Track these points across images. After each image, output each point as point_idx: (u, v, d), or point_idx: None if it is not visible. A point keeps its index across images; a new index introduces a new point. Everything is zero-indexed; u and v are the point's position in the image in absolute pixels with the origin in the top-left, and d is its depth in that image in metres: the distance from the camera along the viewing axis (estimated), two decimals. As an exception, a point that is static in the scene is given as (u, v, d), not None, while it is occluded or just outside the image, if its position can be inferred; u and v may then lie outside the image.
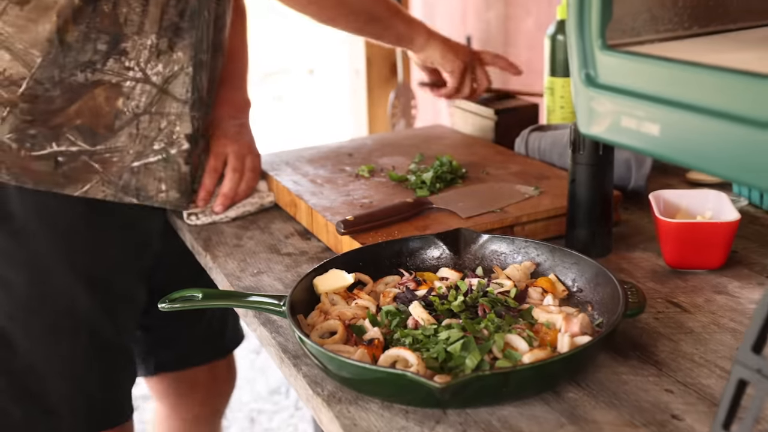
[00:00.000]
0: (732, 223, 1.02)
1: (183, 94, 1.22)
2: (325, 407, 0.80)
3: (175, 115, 1.22)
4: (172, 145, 1.22)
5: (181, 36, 1.20)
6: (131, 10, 1.15)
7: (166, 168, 1.23)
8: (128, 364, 1.33)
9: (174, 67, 1.20)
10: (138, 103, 1.19)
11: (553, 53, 1.53)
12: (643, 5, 0.70)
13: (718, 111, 0.58)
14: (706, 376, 0.82)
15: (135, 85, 1.18)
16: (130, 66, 1.17)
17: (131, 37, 1.16)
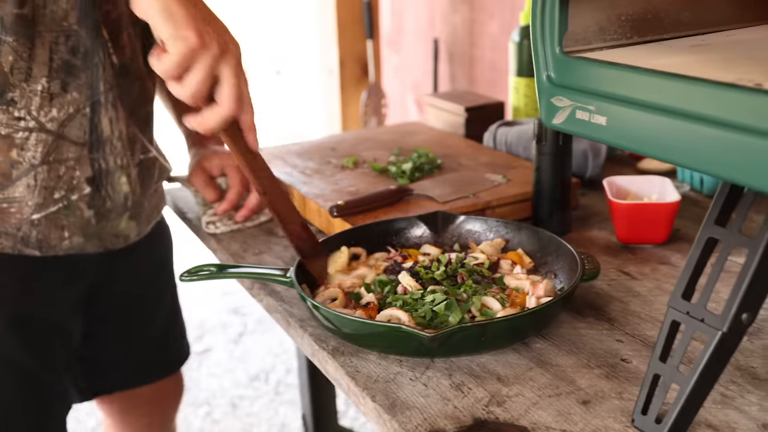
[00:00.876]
0: (674, 204, 1.18)
1: (80, 137, 1.14)
2: (331, 359, 0.94)
3: (74, 160, 1.14)
4: (72, 191, 1.15)
5: (74, 75, 1.12)
6: (17, 56, 1.06)
7: (69, 215, 1.16)
8: (60, 398, 1.30)
9: (69, 109, 1.12)
10: (34, 154, 1.11)
11: (519, 56, 1.68)
12: (593, 19, 0.85)
13: (651, 104, 0.73)
14: (650, 328, 0.98)
15: (29, 135, 1.10)
16: (20, 116, 1.09)
17: (19, 85, 1.08)
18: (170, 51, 0.90)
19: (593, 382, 0.87)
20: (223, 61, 0.92)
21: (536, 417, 0.82)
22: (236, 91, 0.94)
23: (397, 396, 0.86)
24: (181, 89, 0.93)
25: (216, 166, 1.35)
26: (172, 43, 0.89)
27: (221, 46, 0.92)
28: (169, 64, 0.91)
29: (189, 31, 0.89)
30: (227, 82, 0.93)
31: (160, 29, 0.90)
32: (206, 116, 0.95)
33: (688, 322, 0.77)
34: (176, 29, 0.89)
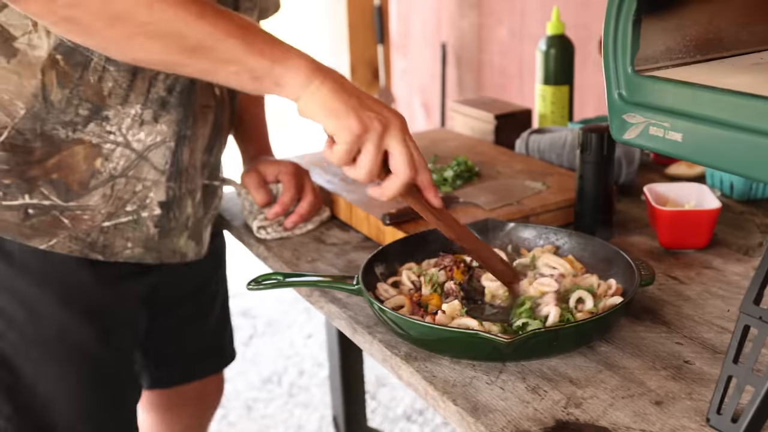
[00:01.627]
0: (715, 210, 1.23)
1: (162, 165, 1.20)
2: (405, 364, 0.99)
3: (152, 182, 1.20)
4: (144, 209, 1.21)
5: (167, 110, 1.18)
6: (117, 84, 1.13)
7: (135, 230, 1.22)
8: (132, 386, 1.36)
9: (156, 138, 1.18)
10: (116, 165, 1.17)
11: (546, 64, 1.73)
12: (660, 40, 0.89)
13: (728, 122, 0.77)
14: (706, 331, 1.03)
15: (115, 148, 1.16)
16: (111, 131, 1.15)
17: (114, 107, 1.14)
18: (339, 142, 0.97)
19: (662, 384, 0.92)
20: (388, 136, 0.98)
21: (614, 418, 0.86)
22: (407, 159, 0.99)
23: (477, 399, 0.90)
24: (357, 171, 1.00)
25: (271, 172, 1.39)
26: (339, 135, 0.97)
27: (383, 123, 0.98)
28: (341, 154, 0.98)
29: (351, 121, 0.96)
30: (397, 153, 0.99)
31: (325, 126, 0.98)
32: (386, 187, 1.01)
33: (761, 327, 0.82)
34: (339, 122, 0.96)
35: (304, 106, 0.98)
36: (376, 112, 0.98)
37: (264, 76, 0.96)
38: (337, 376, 1.85)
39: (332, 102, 0.96)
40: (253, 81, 0.96)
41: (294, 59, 0.97)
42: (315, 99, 0.97)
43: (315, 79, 0.96)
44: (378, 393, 2.87)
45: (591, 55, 2.41)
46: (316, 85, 0.96)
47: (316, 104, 0.97)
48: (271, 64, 0.95)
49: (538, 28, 2.73)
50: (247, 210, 1.42)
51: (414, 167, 1.01)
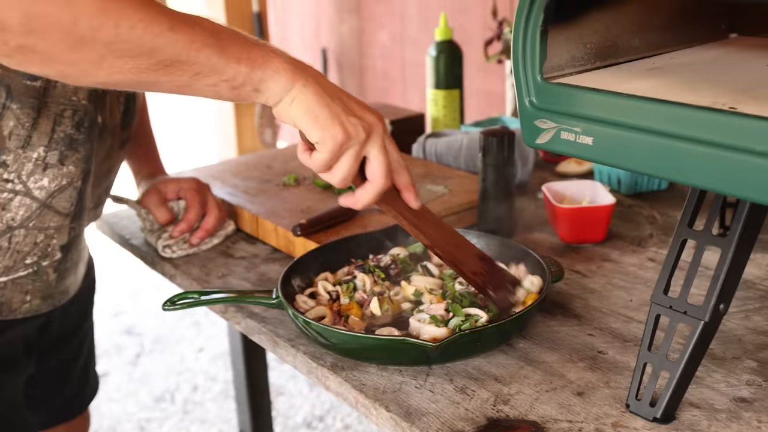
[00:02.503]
0: (611, 206, 1.30)
1: (67, 208, 1.13)
2: (332, 374, 1.00)
3: (54, 229, 1.13)
4: (45, 258, 1.14)
5: (74, 149, 1.11)
6: (18, 124, 1.05)
7: (35, 281, 1.15)
8: None
9: (62, 181, 1.11)
10: (14, 216, 1.09)
11: (436, 69, 1.77)
12: (565, 48, 0.94)
13: (636, 126, 0.82)
14: (614, 321, 1.08)
15: (13, 197, 1.08)
16: (9, 178, 1.07)
17: (14, 150, 1.06)
18: (321, 150, 0.93)
19: (580, 375, 0.96)
20: (368, 144, 0.95)
21: (542, 411, 0.90)
22: (385, 167, 0.96)
23: (409, 404, 0.93)
24: (332, 177, 0.96)
25: (171, 189, 1.37)
26: (322, 143, 0.92)
27: (365, 131, 0.94)
28: (321, 161, 0.94)
29: (335, 130, 0.91)
30: (375, 161, 0.96)
31: (308, 133, 0.92)
32: (360, 195, 0.98)
33: (672, 315, 0.88)
34: (323, 130, 0.91)
35: (285, 110, 0.92)
36: (359, 118, 0.94)
37: (244, 83, 0.88)
38: (243, 390, 1.83)
39: (316, 108, 0.91)
40: (231, 90, 0.89)
41: (273, 62, 0.89)
42: (297, 104, 0.91)
43: (296, 82, 0.90)
44: (276, 402, 2.86)
45: (473, 59, 2.47)
46: (298, 89, 0.90)
47: (299, 109, 0.91)
48: (250, 71, 0.88)
49: (418, 31, 2.79)
50: (148, 229, 1.39)
51: (390, 175, 0.98)
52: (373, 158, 0.96)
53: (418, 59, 2.82)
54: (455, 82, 1.78)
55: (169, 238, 1.36)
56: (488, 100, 2.47)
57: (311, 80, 0.92)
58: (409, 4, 2.78)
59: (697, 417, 0.87)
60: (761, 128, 0.72)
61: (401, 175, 1.01)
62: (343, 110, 0.93)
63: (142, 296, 3.65)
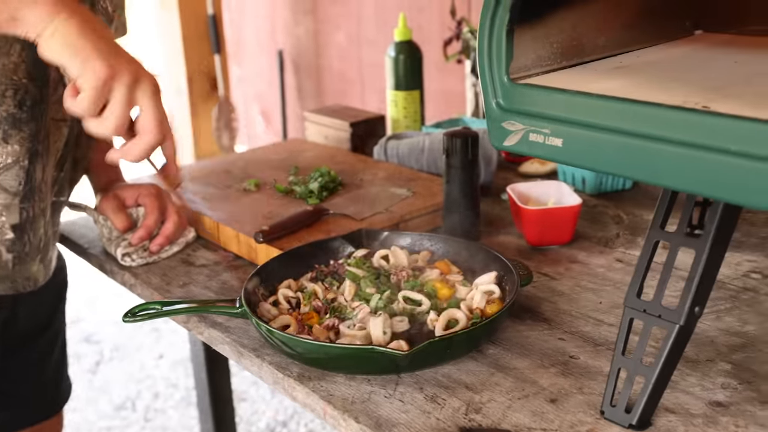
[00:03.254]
0: (578, 206, 1.28)
1: (14, 186, 1.11)
2: (299, 385, 0.97)
3: (3, 206, 1.12)
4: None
5: (18, 127, 1.09)
6: None
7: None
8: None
9: (8, 160, 1.10)
10: None
11: (395, 70, 1.75)
12: (531, 48, 0.92)
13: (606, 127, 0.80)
14: (584, 325, 1.07)
15: None
16: None
17: None
18: (83, 87, 0.89)
19: (553, 381, 0.95)
20: (138, 90, 0.91)
21: (514, 419, 0.88)
22: (157, 117, 0.93)
23: (378, 415, 0.90)
24: (102, 125, 0.91)
25: (130, 195, 1.33)
26: (83, 78, 0.88)
27: (133, 74, 0.90)
28: (85, 101, 0.89)
29: (97, 63, 0.87)
30: (147, 109, 0.92)
31: (69, 67, 0.88)
32: (131, 146, 0.94)
33: (646, 319, 0.86)
34: (84, 63, 0.87)
35: (45, 43, 0.86)
36: (126, 61, 0.90)
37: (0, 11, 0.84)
38: (205, 399, 1.79)
39: (78, 40, 0.86)
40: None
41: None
42: (59, 35, 0.86)
43: (60, 13, 0.86)
44: (238, 408, 2.81)
45: (431, 59, 2.45)
46: (61, 20, 0.86)
47: (60, 41, 0.86)
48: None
49: (375, 32, 2.76)
50: (107, 237, 1.35)
51: (162, 128, 0.94)
52: (144, 107, 0.93)
53: (376, 60, 2.80)
54: (415, 83, 1.76)
55: (128, 246, 1.32)
56: (448, 101, 2.45)
57: (77, 14, 0.88)
58: (366, 4, 2.75)
59: (673, 422, 0.86)
60: (736, 127, 0.70)
61: (169, 142, 0.98)
62: (109, 49, 0.89)
63: (100, 304, 3.58)
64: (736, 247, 1.26)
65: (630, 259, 1.25)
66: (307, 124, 1.83)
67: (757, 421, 0.85)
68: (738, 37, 1.07)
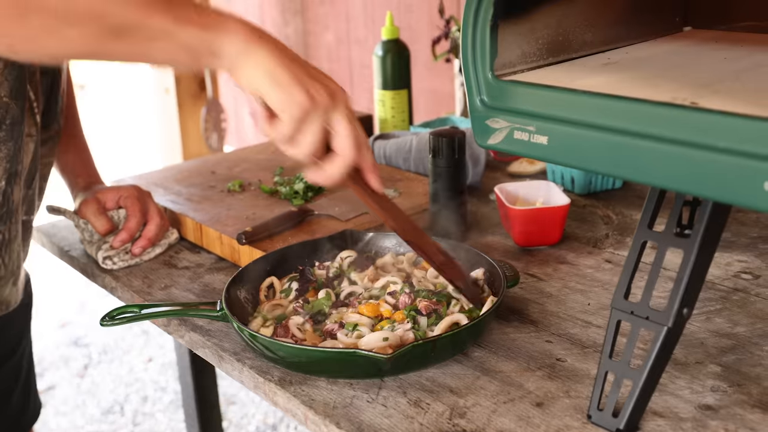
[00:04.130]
0: (566, 206, 1.26)
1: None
2: (280, 389, 0.94)
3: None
4: None
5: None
6: None
7: None
8: None
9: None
10: None
11: (383, 69, 1.73)
12: (516, 44, 0.90)
13: (594, 124, 0.78)
14: (572, 327, 1.05)
15: None
16: None
17: None
18: (284, 117, 0.87)
19: (539, 384, 0.92)
20: (334, 112, 0.89)
21: (500, 424, 0.86)
22: (354, 138, 0.91)
23: (361, 420, 0.88)
24: (297, 148, 0.90)
25: (111, 198, 1.30)
26: (285, 109, 0.86)
27: (330, 98, 0.88)
28: (286, 130, 0.88)
29: (300, 95, 0.86)
30: (343, 131, 0.90)
31: (270, 98, 0.86)
32: (329, 169, 0.92)
33: (634, 321, 0.84)
34: (286, 95, 0.86)
35: (244, 75, 0.86)
36: (322, 83, 0.89)
37: (199, 47, 0.83)
38: (191, 404, 1.77)
39: (276, 70, 0.85)
40: (188, 55, 0.84)
41: (228, 24, 0.85)
42: (256, 67, 0.85)
43: (254, 43, 0.85)
44: (228, 412, 2.79)
45: (420, 58, 2.43)
46: (257, 51, 0.85)
47: (258, 72, 0.85)
48: (204, 33, 0.84)
49: (364, 32, 2.74)
50: (87, 240, 1.33)
51: (358, 148, 0.93)
52: (341, 128, 0.91)
53: (365, 60, 2.78)
54: (403, 82, 1.74)
55: (110, 249, 1.29)
56: (437, 100, 2.43)
57: (270, 43, 0.87)
58: (354, 4, 2.73)
59: (661, 427, 0.84)
60: (724, 124, 0.69)
61: (366, 155, 0.95)
62: (306, 74, 0.88)
63: (89, 306, 3.55)
64: (726, 247, 1.24)
65: (619, 259, 1.23)
66: (294, 124, 1.81)
67: (747, 424, 0.83)
68: (728, 33, 1.06)
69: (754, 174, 0.67)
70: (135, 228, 1.29)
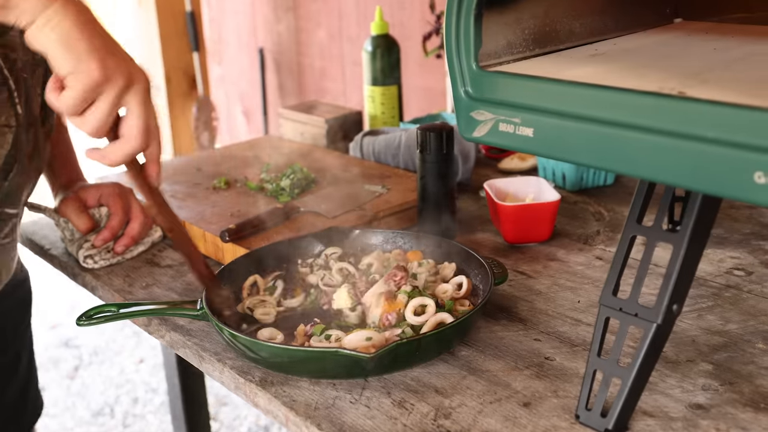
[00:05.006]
0: (556, 202, 1.24)
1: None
2: (261, 390, 0.92)
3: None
4: None
5: None
6: None
7: None
8: None
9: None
10: None
11: (373, 65, 1.70)
12: (501, 34, 0.88)
13: (580, 115, 0.76)
14: (561, 325, 1.02)
15: None
16: None
17: None
18: (72, 86, 0.83)
19: (527, 384, 0.90)
20: (129, 93, 0.86)
21: (486, 425, 0.83)
22: (143, 123, 0.88)
23: (343, 421, 0.85)
24: (83, 124, 0.86)
25: (92, 196, 1.27)
26: (75, 77, 0.82)
27: (127, 77, 0.85)
28: (72, 100, 0.83)
29: (92, 64, 0.82)
30: (134, 114, 0.87)
31: (60, 63, 0.82)
32: (111, 150, 0.89)
33: (622, 318, 0.82)
34: (78, 62, 0.81)
35: (36, 33, 0.80)
36: (122, 62, 0.85)
37: None
38: (178, 405, 1.74)
39: (73, 35, 0.80)
40: None
41: None
42: (52, 28, 0.80)
43: (54, 3, 0.80)
44: (219, 413, 2.77)
45: (412, 55, 2.41)
46: (56, 11, 0.80)
47: (52, 34, 0.79)
48: None
49: (356, 29, 2.72)
50: (68, 239, 1.30)
51: (147, 136, 0.89)
52: (131, 112, 0.87)
53: (357, 57, 2.75)
54: (393, 78, 1.71)
55: (91, 248, 1.26)
56: (428, 97, 2.41)
57: (72, 5, 0.82)
58: (347, 1, 2.71)
59: (651, 427, 0.81)
60: (713, 113, 0.66)
61: (153, 145, 0.92)
62: (105, 48, 0.83)
63: (80, 308, 3.52)
64: (718, 244, 1.22)
65: (610, 256, 1.21)
66: (282, 120, 1.79)
67: (738, 424, 0.81)
68: (718, 25, 1.03)
69: (744, 165, 0.65)
70: (118, 227, 1.27)
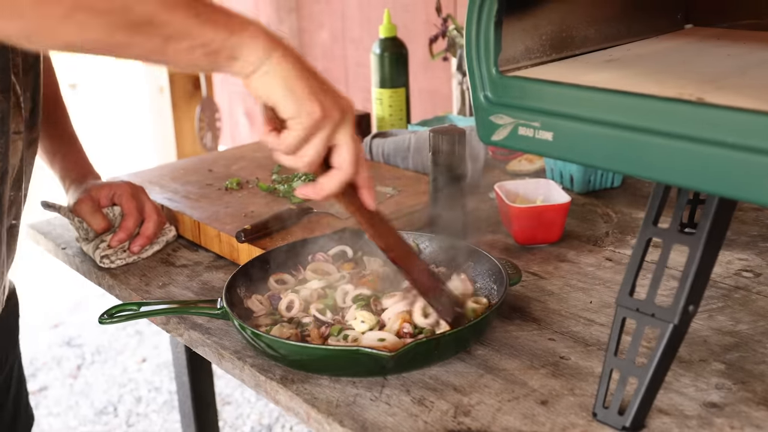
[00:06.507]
0: (566, 204, 1.26)
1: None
2: (282, 388, 0.94)
3: None
4: None
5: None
6: None
7: None
8: None
9: None
10: None
11: (381, 67, 1.72)
12: (520, 40, 0.89)
13: (600, 120, 0.78)
14: (574, 325, 1.04)
15: None
16: None
17: None
18: (294, 128, 0.85)
19: (543, 382, 0.92)
20: (341, 127, 0.88)
21: (505, 422, 0.85)
22: (354, 155, 0.90)
23: (364, 418, 0.87)
24: (298, 160, 0.88)
25: (105, 195, 1.29)
26: (296, 120, 0.85)
27: (340, 113, 0.87)
28: (294, 140, 0.86)
29: (313, 106, 0.85)
30: (346, 147, 0.89)
31: (283, 107, 0.85)
32: (326, 182, 0.90)
33: (639, 318, 0.84)
34: (301, 106, 0.84)
35: (259, 82, 0.84)
36: (335, 98, 0.88)
37: (219, 49, 0.81)
38: (188, 404, 1.76)
39: (294, 81, 0.84)
40: (206, 57, 0.81)
41: (250, 28, 0.83)
42: (273, 75, 0.84)
43: (274, 51, 0.84)
44: (222, 412, 2.78)
45: (417, 57, 2.43)
46: (276, 59, 0.84)
47: (275, 81, 0.84)
48: (226, 36, 0.81)
49: (360, 30, 2.73)
50: (83, 238, 1.31)
51: (357, 165, 0.92)
52: (344, 144, 0.89)
53: (360, 58, 2.77)
54: (401, 81, 1.73)
55: (107, 248, 1.28)
56: (433, 100, 2.42)
57: (289, 53, 0.85)
58: (350, 2, 2.72)
59: (667, 424, 0.83)
60: (731, 119, 0.68)
61: (363, 171, 0.94)
62: (320, 87, 0.87)
63: (84, 306, 3.53)
64: (726, 246, 1.24)
65: (620, 257, 1.23)
66: (291, 122, 1.80)
67: (752, 422, 0.83)
68: (729, 31, 1.05)
69: (761, 169, 0.67)
70: (133, 227, 1.28)
